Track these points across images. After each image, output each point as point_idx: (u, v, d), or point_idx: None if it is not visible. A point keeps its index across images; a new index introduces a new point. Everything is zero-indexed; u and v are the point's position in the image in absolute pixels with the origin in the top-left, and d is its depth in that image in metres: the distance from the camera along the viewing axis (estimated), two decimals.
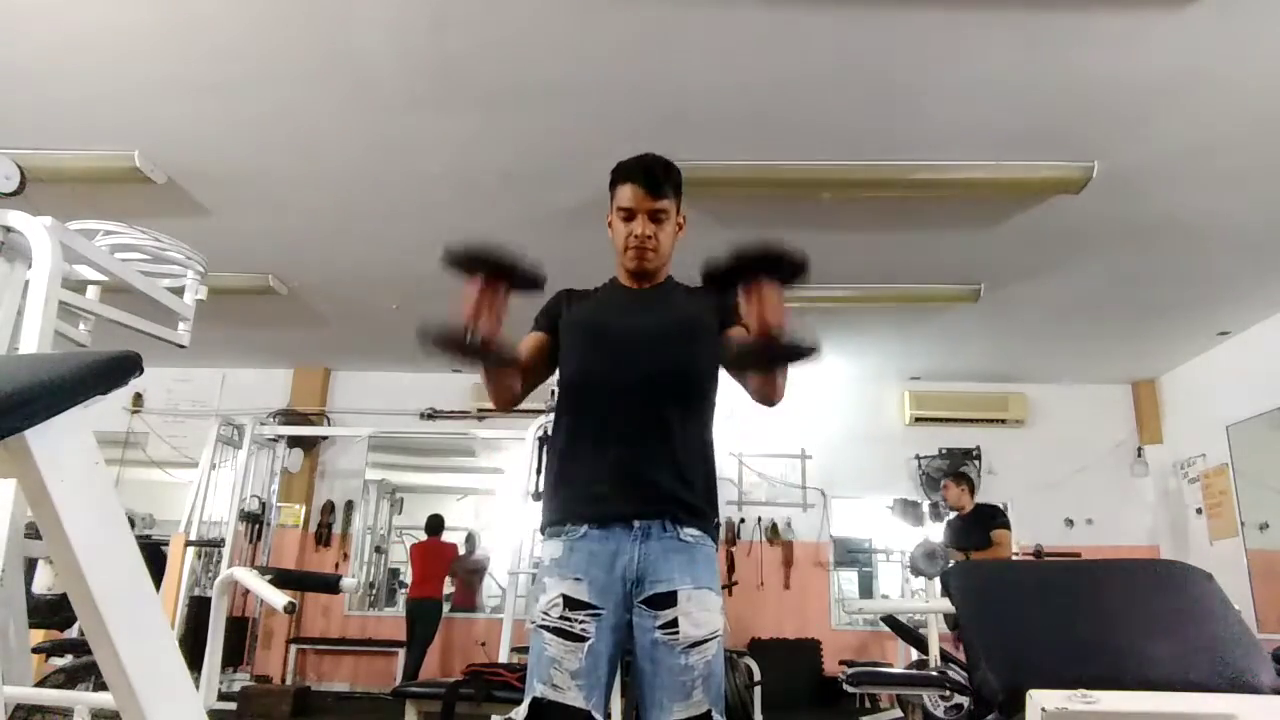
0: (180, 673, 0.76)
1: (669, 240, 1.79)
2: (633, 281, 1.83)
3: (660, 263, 1.79)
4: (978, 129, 3.84)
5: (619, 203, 1.77)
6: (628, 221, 1.76)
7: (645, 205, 1.74)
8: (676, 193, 1.79)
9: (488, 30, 3.29)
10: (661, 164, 1.77)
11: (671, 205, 1.77)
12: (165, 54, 3.47)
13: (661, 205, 1.75)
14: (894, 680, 4.52)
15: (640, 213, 1.74)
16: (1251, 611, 5.93)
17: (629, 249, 1.76)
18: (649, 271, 1.80)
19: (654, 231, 1.75)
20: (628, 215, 1.76)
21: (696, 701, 1.52)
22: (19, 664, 2.23)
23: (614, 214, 1.80)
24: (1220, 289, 5.54)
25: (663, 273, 1.84)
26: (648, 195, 1.73)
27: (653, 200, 1.74)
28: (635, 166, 1.76)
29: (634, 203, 1.74)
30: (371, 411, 7.75)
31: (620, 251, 1.79)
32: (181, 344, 2.91)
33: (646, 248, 1.75)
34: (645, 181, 1.74)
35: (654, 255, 1.76)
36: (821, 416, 7.63)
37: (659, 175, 1.75)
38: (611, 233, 1.82)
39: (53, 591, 2.97)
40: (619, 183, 1.78)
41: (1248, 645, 1.34)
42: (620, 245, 1.78)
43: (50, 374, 0.67)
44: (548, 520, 1.68)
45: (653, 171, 1.75)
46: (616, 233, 1.80)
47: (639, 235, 1.74)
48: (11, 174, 2.26)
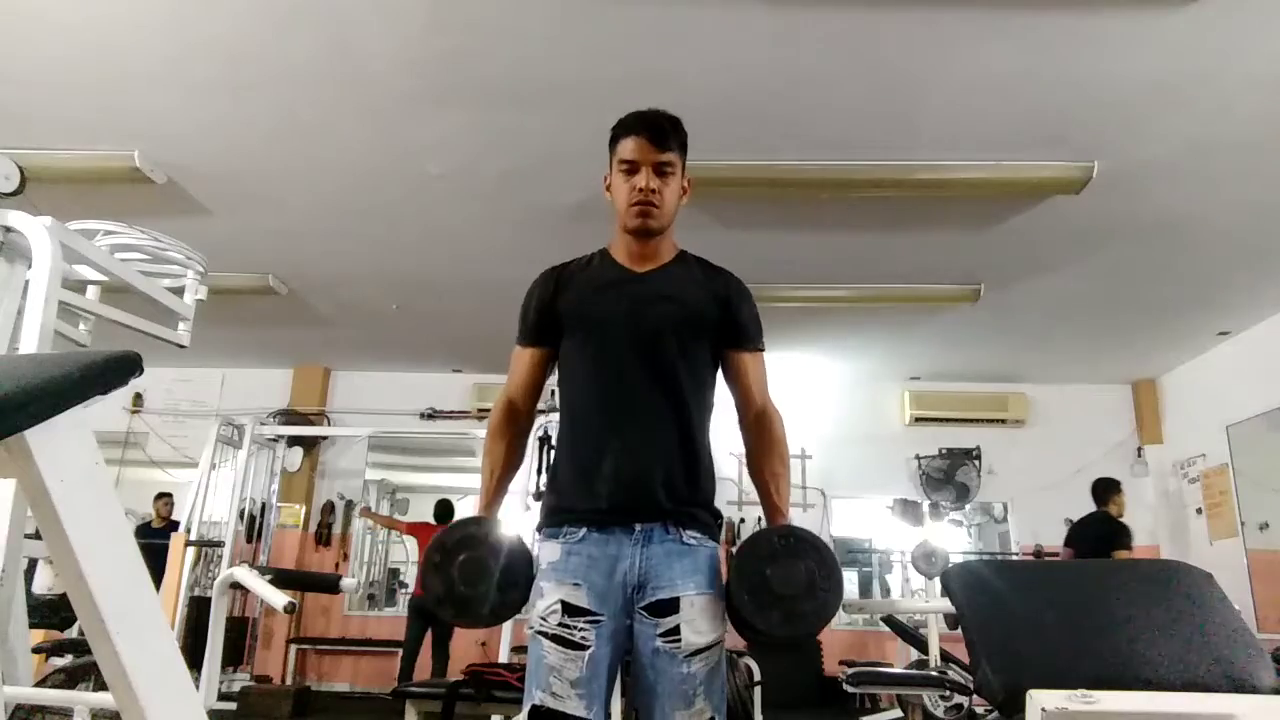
0: (180, 673, 0.76)
1: (674, 198, 1.68)
2: (631, 261, 1.71)
3: (664, 222, 1.68)
4: (978, 129, 3.83)
5: (620, 155, 1.65)
6: (630, 175, 1.64)
7: (650, 157, 1.63)
8: (682, 150, 1.68)
9: (487, 30, 3.29)
10: (667, 116, 1.67)
11: (678, 160, 1.66)
12: (165, 54, 3.47)
13: (667, 158, 1.64)
14: (894, 680, 4.52)
15: (644, 165, 1.63)
16: (1251, 611, 5.94)
17: (632, 205, 1.64)
18: (651, 231, 1.67)
19: (659, 186, 1.63)
20: (630, 169, 1.64)
21: (699, 709, 1.50)
22: (19, 664, 2.23)
23: (614, 171, 1.68)
24: (1220, 289, 5.54)
25: (665, 246, 1.73)
26: (652, 147, 1.63)
27: (658, 152, 1.63)
28: (639, 119, 1.66)
29: (637, 154, 1.63)
30: (371, 411, 7.75)
31: (621, 210, 1.67)
32: (181, 344, 2.91)
33: (651, 203, 1.63)
34: (650, 133, 1.63)
35: (658, 212, 1.65)
36: (821, 416, 7.62)
37: (665, 126, 1.65)
38: (610, 194, 1.70)
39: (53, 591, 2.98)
40: (620, 137, 1.67)
41: (1248, 645, 1.34)
42: (622, 202, 1.66)
43: (50, 374, 0.67)
44: (545, 521, 1.63)
45: (658, 123, 1.65)
46: (617, 191, 1.67)
47: (643, 189, 1.62)
48: (11, 174, 2.26)
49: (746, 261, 2.42)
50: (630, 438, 1.60)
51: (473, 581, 1.54)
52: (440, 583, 1.54)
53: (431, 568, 1.55)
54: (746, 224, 4.78)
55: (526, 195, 4.52)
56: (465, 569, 1.54)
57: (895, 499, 7.38)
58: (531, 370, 1.75)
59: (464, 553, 1.55)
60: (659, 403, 1.62)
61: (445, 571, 1.54)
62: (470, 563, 1.54)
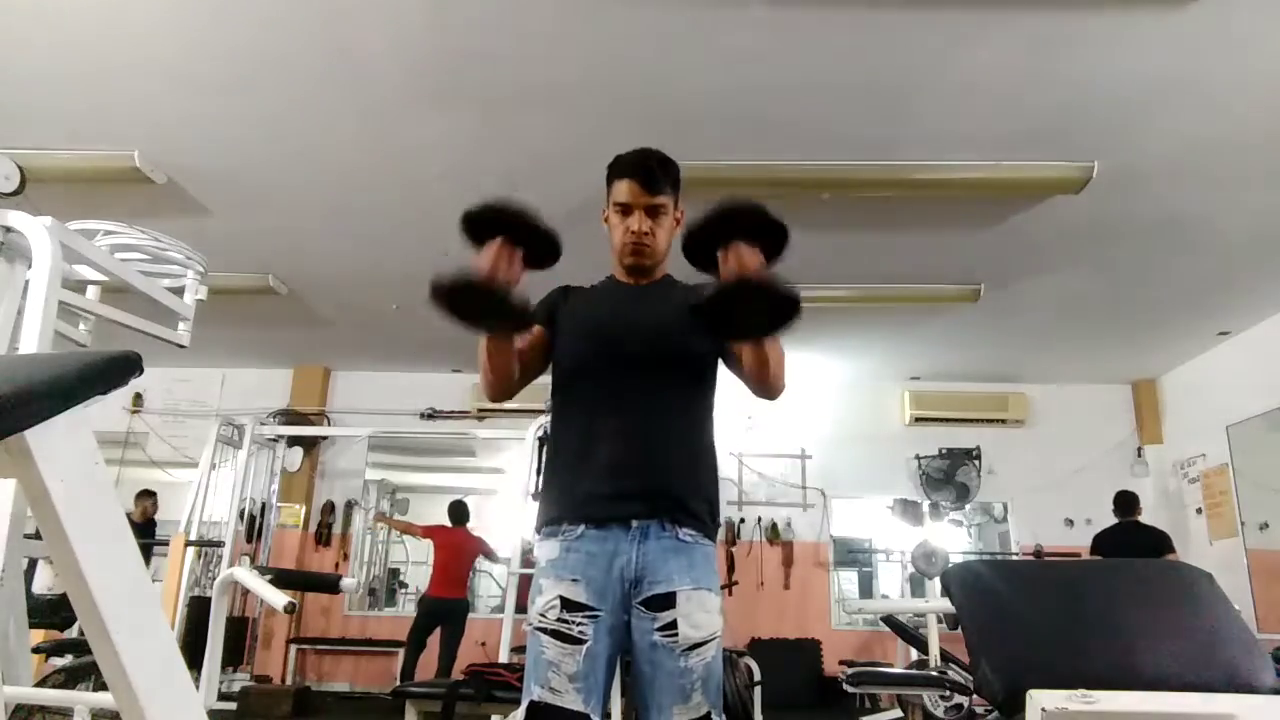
0: (180, 673, 0.76)
1: (666, 236, 1.75)
2: (630, 277, 1.79)
3: (657, 259, 1.76)
4: (977, 129, 3.84)
5: (615, 198, 1.72)
6: (624, 217, 1.71)
7: (642, 201, 1.70)
8: (674, 188, 1.75)
9: (488, 30, 3.29)
10: (658, 158, 1.73)
11: (669, 200, 1.73)
12: (165, 54, 3.47)
13: (659, 201, 1.70)
14: (894, 680, 4.52)
15: (637, 208, 1.70)
16: (1251, 611, 5.94)
17: (626, 244, 1.72)
18: (646, 268, 1.76)
19: (650, 228, 1.71)
20: (624, 210, 1.71)
21: (696, 704, 1.51)
22: (19, 664, 2.23)
23: (610, 209, 1.75)
24: (1220, 289, 5.54)
25: (660, 270, 1.80)
26: (644, 191, 1.69)
27: (650, 196, 1.69)
28: (631, 161, 1.72)
29: (630, 198, 1.70)
30: (371, 411, 7.75)
31: (616, 247, 1.75)
32: (181, 344, 2.90)
33: (644, 244, 1.71)
34: (642, 177, 1.69)
35: (650, 251, 1.72)
36: (821, 416, 7.63)
37: (656, 171, 1.70)
38: (608, 228, 1.77)
39: (53, 591, 2.98)
40: (615, 178, 1.73)
41: (1248, 645, 1.34)
42: (617, 242, 1.74)
43: (50, 374, 0.67)
44: (544, 520, 1.65)
45: (649, 166, 1.70)
46: (613, 228, 1.75)
47: (635, 231, 1.70)
48: (11, 174, 2.26)
49: None
50: (628, 434, 1.62)
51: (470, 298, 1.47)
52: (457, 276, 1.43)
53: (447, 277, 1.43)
54: None
55: (526, 195, 4.50)
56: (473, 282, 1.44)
57: (895, 499, 7.38)
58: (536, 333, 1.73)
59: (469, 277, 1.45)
60: (657, 399, 1.64)
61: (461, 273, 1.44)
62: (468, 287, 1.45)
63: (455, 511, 6.51)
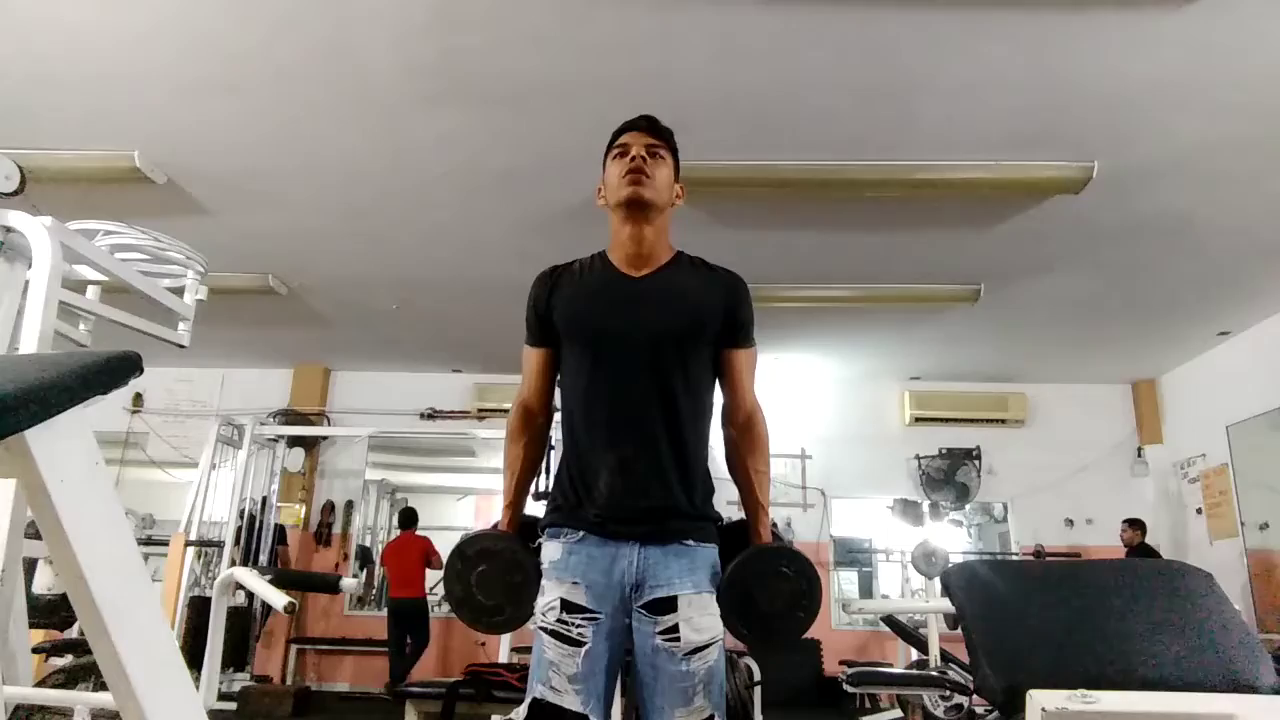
0: (180, 673, 0.76)
1: (666, 181, 1.69)
2: (628, 264, 1.69)
3: (656, 197, 1.66)
4: (978, 129, 3.83)
5: (613, 147, 1.72)
6: (622, 157, 1.67)
7: (641, 139, 1.68)
8: (673, 151, 1.74)
9: (487, 30, 3.29)
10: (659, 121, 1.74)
11: (668, 154, 1.72)
12: (165, 54, 3.47)
13: (657, 144, 1.70)
14: (894, 680, 4.52)
15: (635, 145, 1.67)
16: (1251, 611, 5.94)
17: (624, 174, 1.64)
18: (644, 202, 1.64)
19: (650, 161, 1.67)
20: (622, 151, 1.68)
21: (698, 707, 1.51)
22: (19, 664, 2.23)
23: (607, 166, 1.72)
24: (1220, 289, 5.54)
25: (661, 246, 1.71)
26: (643, 134, 1.69)
27: (649, 137, 1.69)
28: (629, 120, 1.74)
29: (629, 139, 1.69)
30: (371, 411, 7.75)
31: (613, 188, 1.67)
32: (182, 344, 2.90)
33: (642, 170, 1.64)
34: (641, 124, 1.71)
35: (650, 182, 1.64)
36: (821, 416, 7.63)
37: (656, 123, 1.72)
38: (604, 188, 1.72)
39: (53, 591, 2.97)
40: (612, 143, 1.73)
41: (1248, 645, 1.34)
42: (614, 180, 1.67)
43: (50, 374, 0.67)
44: (548, 521, 1.66)
45: (649, 118, 1.72)
46: (610, 176, 1.69)
47: (634, 157, 1.65)
48: (11, 174, 2.26)
49: (746, 261, 2.42)
50: (628, 451, 1.60)
51: (489, 593, 1.66)
52: (460, 589, 1.67)
53: (454, 575, 1.67)
54: (746, 224, 4.78)
55: (526, 195, 4.52)
56: (483, 581, 1.66)
57: (895, 499, 7.38)
58: (541, 370, 1.76)
59: (482, 565, 1.66)
60: (656, 413, 1.61)
61: (465, 580, 1.67)
62: (487, 575, 1.66)
63: (403, 517, 6.88)
